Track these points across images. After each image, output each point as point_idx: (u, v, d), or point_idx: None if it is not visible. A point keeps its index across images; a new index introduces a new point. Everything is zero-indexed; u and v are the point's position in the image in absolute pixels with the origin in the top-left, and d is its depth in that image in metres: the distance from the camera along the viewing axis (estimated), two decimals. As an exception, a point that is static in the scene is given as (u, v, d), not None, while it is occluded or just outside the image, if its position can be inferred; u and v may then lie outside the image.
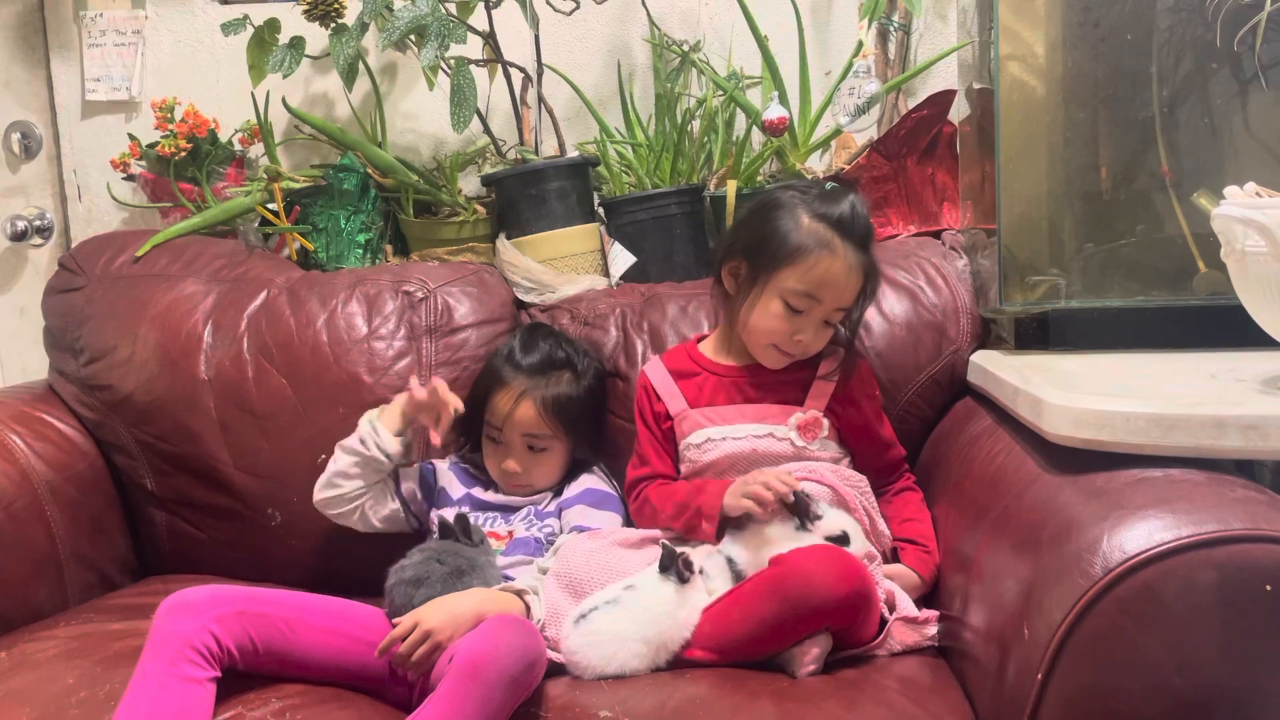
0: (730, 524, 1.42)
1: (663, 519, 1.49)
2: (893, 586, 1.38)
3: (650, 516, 1.52)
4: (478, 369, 1.69)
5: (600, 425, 1.68)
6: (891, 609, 1.35)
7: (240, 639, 1.24)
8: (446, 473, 1.64)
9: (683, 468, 1.54)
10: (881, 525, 1.46)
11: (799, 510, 1.36)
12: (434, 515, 1.58)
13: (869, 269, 1.49)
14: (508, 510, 1.59)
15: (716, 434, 1.50)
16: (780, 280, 1.46)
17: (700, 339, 1.62)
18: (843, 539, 1.35)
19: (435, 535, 1.49)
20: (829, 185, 1.53)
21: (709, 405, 1.53)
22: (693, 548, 1.41)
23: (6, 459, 1.65)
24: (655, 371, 1.58)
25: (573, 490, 1.59)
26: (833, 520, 1.37)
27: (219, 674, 1.22)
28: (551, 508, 1.58)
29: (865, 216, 1.49)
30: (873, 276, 1.50)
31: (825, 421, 1.50)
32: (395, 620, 1.32)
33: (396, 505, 1.59)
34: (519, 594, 1.38)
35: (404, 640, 1.27)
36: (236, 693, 1.24)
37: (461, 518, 1.46)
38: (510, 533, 1.55)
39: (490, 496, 1.61)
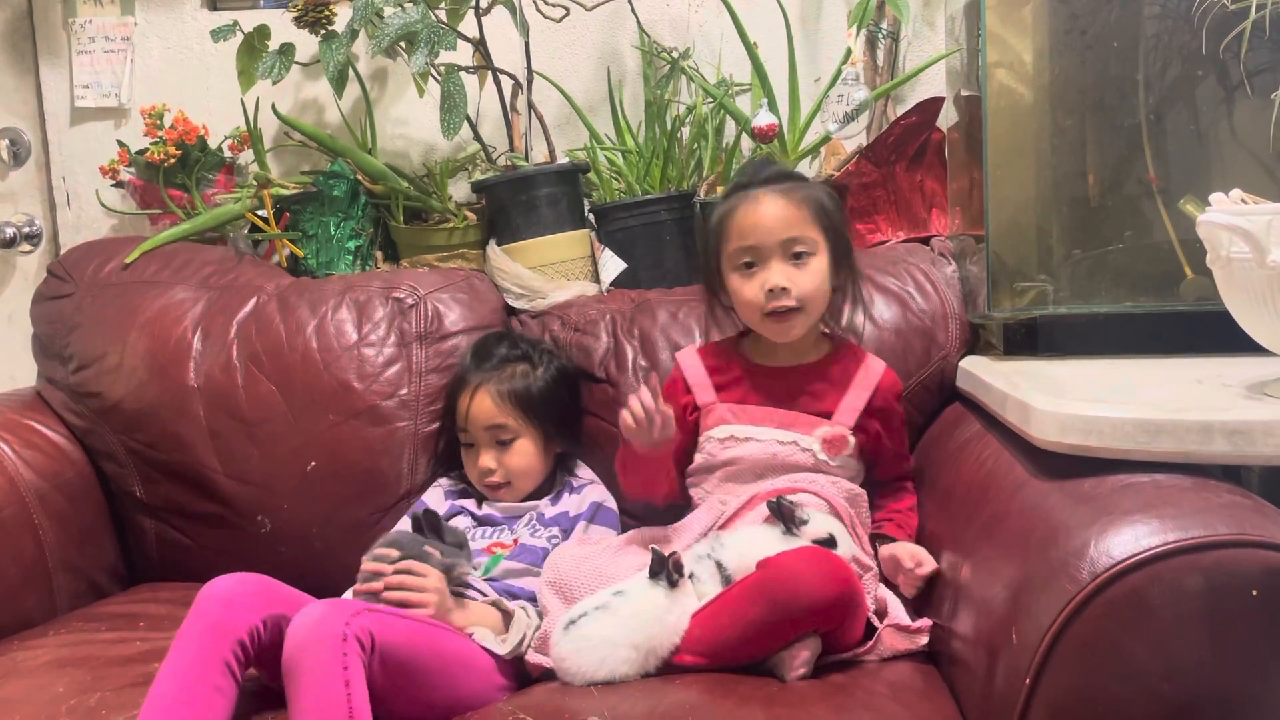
0: (720, 527, 1.43)
1: (626, 472, 1.52)
2: (886, 594, 1.38)
3: (621, 465, 1.54)
4: (469, 376, 1.70)
5: (572, 418, 1.68)
6: (882, 617, 1.35)
7: (274, 641, 1.23)
8: (437, 497, 1.65)
9: (698, 458, 1.53)
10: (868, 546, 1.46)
11: (783, 516, 1.36)
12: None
13: (811, 199, 1.47)
14: (511, 518, 1.59)
15: (741, 432, 1.49)
16: (724, 258, 1.49)
17: (744, 333, 1.60)
18: (829, 541, 1.35)
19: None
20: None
21: (740, 403, 1.52)
22: (682, 551, 1.41)
23: (-5, 467, 1.65)
24: (689, 361, 1.57)
25: (580, 506, 1.59)
26: (818, 524, 1.37)
27: (246, 672, 1.23)
28: (553, 514, 1.58)
29: (771, 163, 1.52)
30: (820, 204, 1.47)
31: (852, 440, 1.49)
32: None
33: None
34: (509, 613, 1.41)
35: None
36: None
37: (429, 513, 1.43)
38: (515, 540, 1.55)
39: (488, 510, 1.61)
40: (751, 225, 1.46)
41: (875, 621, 1.33)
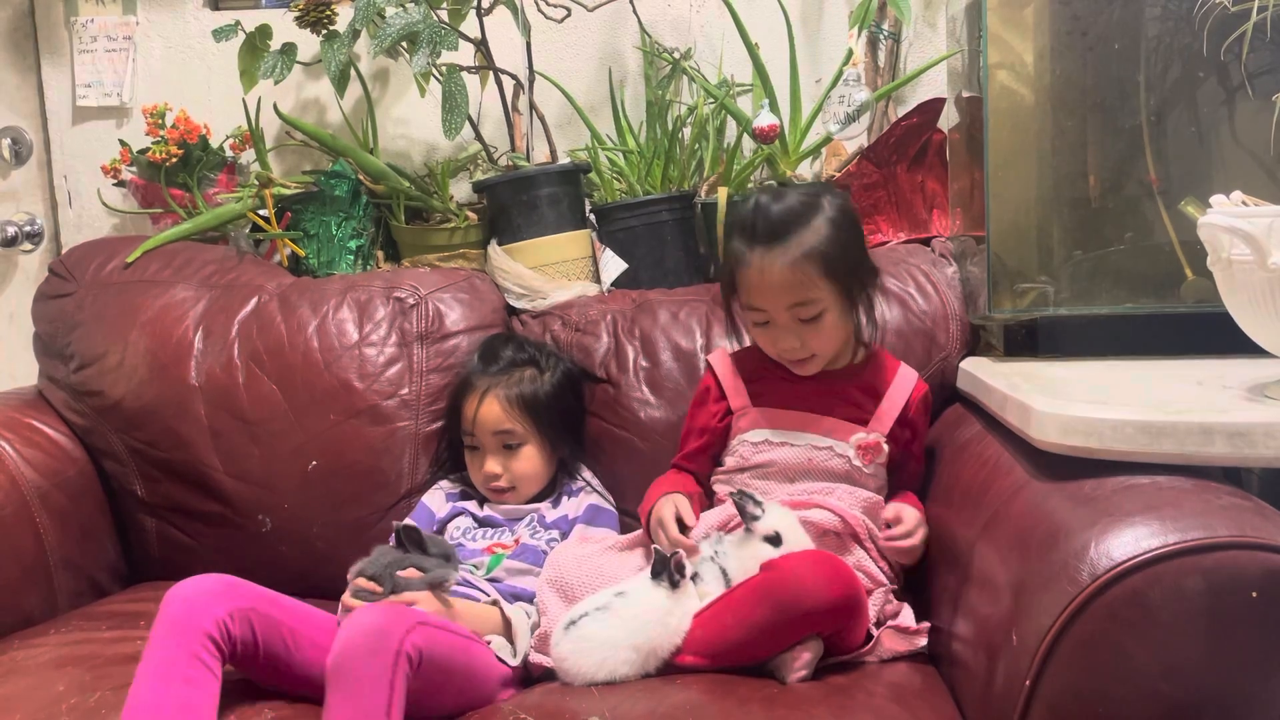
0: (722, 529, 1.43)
1: (645, 502, 1.49)
2: (899, 605, 1.37)
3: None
4: (469, 376, 1.70)
5: (576, 421, 1.68)
6: (881, 624, 1.35)
7: (246, 635, 1.25)
8: (438, 499, 1.64)
9: (729, 460, 1.51)
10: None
11: (740, 511, 1.36)
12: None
13: (813, 254, 1.39)
14: (512, 520, 1.59)
15: (776, 437, 1.48)
16: (740, 301, 1.47)
17: None
18: (775, 540, 1.34)
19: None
20: (764, 185, 1.48)
21: (774, 407, 1.50)
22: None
23: (-4, 465, 1.65)
24: (722, 366, 1.55)
25: (577, 510, 1.59)
26: (770, 520, 1.35)
27: (224, 667, 1.23)
28: (553, 517, 1.58)
29: (768, 208, 1.41)
30: (823, 253, 1.39)
31: (886, 448, 1.48)
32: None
33: None
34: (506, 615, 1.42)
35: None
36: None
37: (410, 529, 1.43)
38: (517, 539, 1.55)
39: (488, 511, 1.61)
40: (757, 289, 1.42)
41: (873, 630, 1.33)
